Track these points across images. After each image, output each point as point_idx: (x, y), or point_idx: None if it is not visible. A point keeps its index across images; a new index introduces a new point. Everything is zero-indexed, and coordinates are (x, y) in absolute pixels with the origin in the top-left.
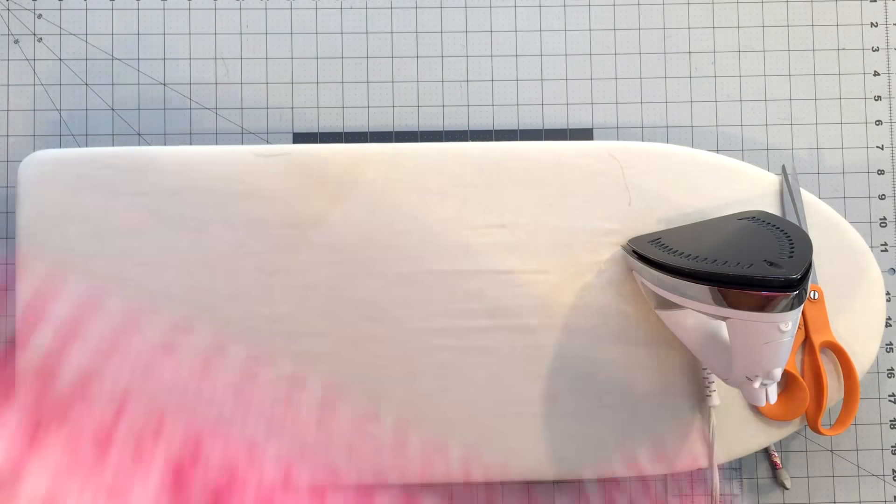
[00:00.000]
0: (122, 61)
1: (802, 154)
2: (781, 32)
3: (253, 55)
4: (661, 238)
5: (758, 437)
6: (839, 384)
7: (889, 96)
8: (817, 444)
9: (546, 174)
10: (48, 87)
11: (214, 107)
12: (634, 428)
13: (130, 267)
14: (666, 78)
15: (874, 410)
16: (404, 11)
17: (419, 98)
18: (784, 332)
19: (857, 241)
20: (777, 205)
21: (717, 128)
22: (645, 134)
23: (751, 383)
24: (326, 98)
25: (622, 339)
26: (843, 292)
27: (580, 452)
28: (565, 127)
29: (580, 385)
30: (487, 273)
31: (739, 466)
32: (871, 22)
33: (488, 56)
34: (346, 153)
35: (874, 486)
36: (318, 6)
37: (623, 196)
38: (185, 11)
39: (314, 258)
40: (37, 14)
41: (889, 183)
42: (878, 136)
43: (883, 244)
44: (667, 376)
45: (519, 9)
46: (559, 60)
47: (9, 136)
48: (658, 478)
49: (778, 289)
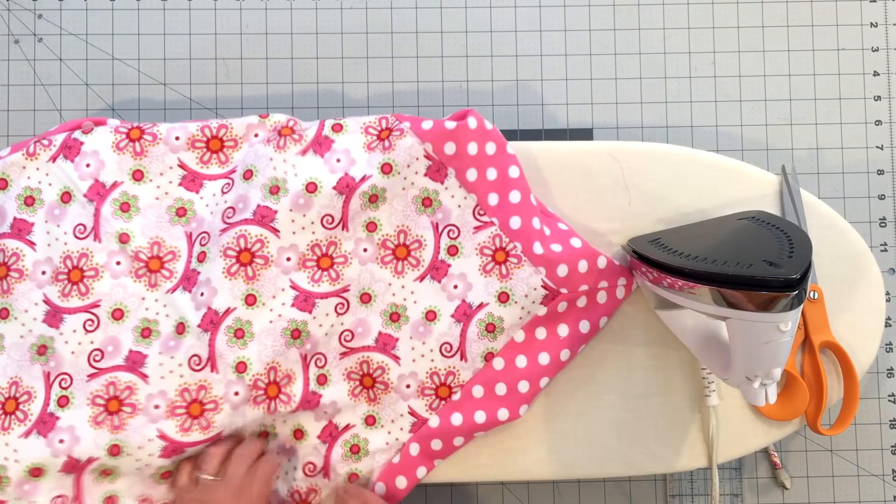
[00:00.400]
0: (122, 61)
1: (802, 154)
2: (781, 33)
3: (253, 55)
4: (661, 238)
5: (757, 437)
6: (839, 384)
7: (889, 96)
8: (817, 443)
9: (546, 174)
10: (48, 87)
11: (214, 107)
12: (635, 428)
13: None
14: (666, 78)
15: (874, 410)
16: (404, 11)
17: (419, 98)
18: (784, 332)
19: (856, 242)
20: (777, 205)
21: (717, 128)
22: (645, 134)
23: (750, 383)
24: (326, 98)
25: (622, 339)
26: (842, 292)
27: (580, 452)
28: (565, 127)
29: (580, 385)
30: None
31: (739, 466)
32: (871, 22)
33: (488, 56)
34: None
35: (874, 485)
36: (318, 6)
37: (623, 196)
38: (186, 12)
39: None
40: (37, 14)
41: (889, 183)
42: (877, 137)
43: (883, 244)
44: (666, 376)
45: (519, 9)
46: (559, 60)
47: (9, 137)
48: (658, 478)
49: (778, 289)
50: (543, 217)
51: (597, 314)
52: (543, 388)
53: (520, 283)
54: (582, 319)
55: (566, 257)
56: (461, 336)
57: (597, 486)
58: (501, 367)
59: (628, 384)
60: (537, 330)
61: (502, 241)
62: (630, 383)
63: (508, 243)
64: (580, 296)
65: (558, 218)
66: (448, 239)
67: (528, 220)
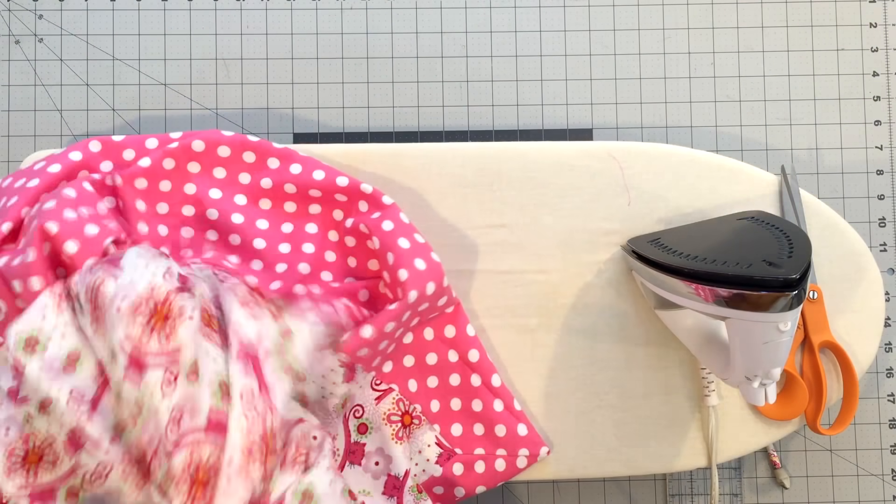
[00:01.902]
0: (122, 62)
1: (801, 154)
2: (780, 33)
3: (253, 56)
4: (661, 238)
5: (757, 436)
6: (838, 384)
7: (888, 97)
8: (816, 443)
9: (546, 174)
10: (49, 87)
11: (215, 107)
12: (634, 428)
13: None
14: (665, 78)
15: (873, 410)
16: (404, 11)
17: (419, 98)
18: (783, 332)
19: (856, 242)
20: (776, 205)
21: (717, 128)
22: (644, 134)
23: (750, 383)
24: (327, 98)
25: (622, 339)
26: (842, 292)
27: (580, 452)
28: (565, 127)
29: (580, 385)
30: (487, 273)
31: (739, 466)
32: (871, 22)
33: (488, 56)
34: (346, 153)
35: (873, 485)
36: (318, 6)
37: (623, 196)
38: (186, 12)
39: None
40: (38, 15)
41: (888, 183)
42: (877, 137)
43: (882, 244)
44: (666, 376)
45: (519, 9)
46: (559, 61)
47: (9, 136)
48: (658, 477)
49: (777, 289)
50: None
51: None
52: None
53: (415, 442)
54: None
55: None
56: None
57: (597, 486)
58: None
59: (628, 384)
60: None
61: (404, 404)
62: (630, 383)
63: (410, 405)
64: (476, 459)
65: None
66: (355, 419)
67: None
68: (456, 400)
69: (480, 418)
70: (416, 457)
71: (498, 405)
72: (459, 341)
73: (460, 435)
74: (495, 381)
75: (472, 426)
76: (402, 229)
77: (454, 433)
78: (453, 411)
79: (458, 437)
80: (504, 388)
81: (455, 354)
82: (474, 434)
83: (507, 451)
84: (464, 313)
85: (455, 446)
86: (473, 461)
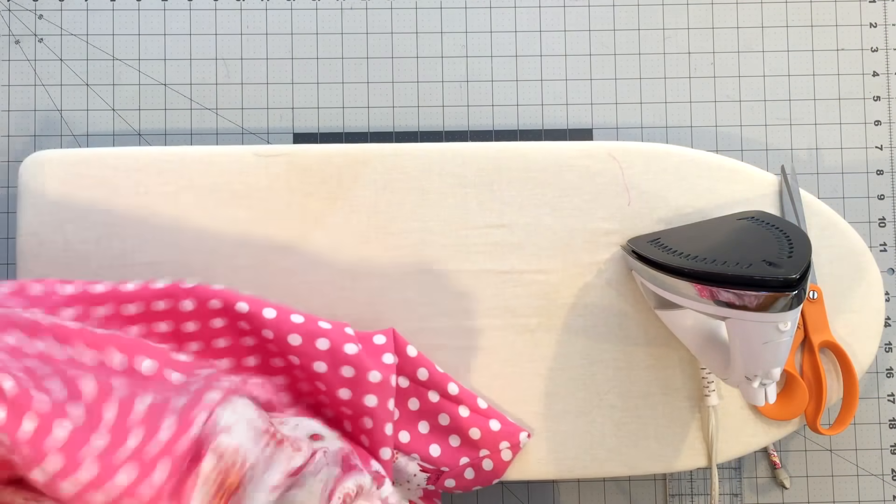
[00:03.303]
0: (122, 62)
1: (801, 154)
2: (780, 33)
3: (253, 55)
4: (661, 238)
5: (757, 436)
6: (838, 384)
7: (888, 97)
8: (816, 443)
9: (546, 174)
10: (49, 87)
11: (215, 107)
12: (634, 427)
13: (130, 267)
14: (665, 78)
15: (873, 410)
16: (404, 11)
17: (419, 98)
18: (783, 332)
19: (856, 242)
20: (776, 205)
21: (717, 128)
22: (644, 134)
23: (750, 383)
24: (327, 98)
25: (622, 339)
26: (842, 292)
27: (580, 452)
28: (565, 127)
29: (580, 385)
30: (487, 273)
31: (739, 466)
32: (870, 22)
33: (488, 56)
34: (346, 153)
35: (873, 485)
36: (318, 6)
37: (623, 196)
38: (186, 12)
39: (314, 258)
40: (38, 15)
41: (888, 183)
42: (877, 137)
43: (882, 244)
44: (666, 376)
45: (519, 9)
46: (559, 61)
47: (9, 136)
48: (658, 477)
49: (777, 289)
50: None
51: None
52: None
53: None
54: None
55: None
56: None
57: (597, 486)
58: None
59: (628, 384)
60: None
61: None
62: (630, 383)
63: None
64: (465, 468)
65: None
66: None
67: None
68: (423, 423)
69: (452, 430)
70: (406, 485)
71: (463, 411)
72: (404, 365)
73: (440, 454)
74: (452, 389)
75: (448, 440)
76: None
77: (434, 454)
78: (424, 435)
79: (439, 457)
80: (464, 391)
81: (405, 380)
82: (452, 447)
83: (490, 450)
84: (400, 338)
85: (440, 465)
86: (462, 471)
